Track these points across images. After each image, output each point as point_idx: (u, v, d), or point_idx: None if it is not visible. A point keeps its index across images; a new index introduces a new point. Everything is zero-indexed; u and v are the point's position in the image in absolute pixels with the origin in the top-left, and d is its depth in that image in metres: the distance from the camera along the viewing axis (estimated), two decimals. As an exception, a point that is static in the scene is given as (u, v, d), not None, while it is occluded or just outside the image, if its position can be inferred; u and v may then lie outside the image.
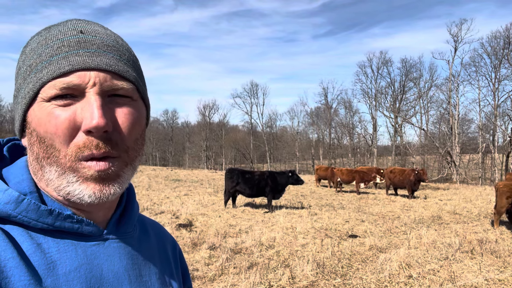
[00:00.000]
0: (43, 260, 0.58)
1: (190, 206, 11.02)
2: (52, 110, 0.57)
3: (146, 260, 0.72)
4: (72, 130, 0.57)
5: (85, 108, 0.57)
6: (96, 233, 0.65)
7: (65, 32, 0.61)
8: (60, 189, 0.60)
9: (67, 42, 0.60)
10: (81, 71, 0.58)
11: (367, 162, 47.69)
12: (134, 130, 0.63)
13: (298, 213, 10.07)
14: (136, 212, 0.76)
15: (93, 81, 0.58)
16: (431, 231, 8.10)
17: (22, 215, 0.58)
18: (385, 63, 48.41)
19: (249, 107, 61.85)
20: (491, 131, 37.52)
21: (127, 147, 0.62)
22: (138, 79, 0.66)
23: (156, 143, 67.60)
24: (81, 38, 0.60)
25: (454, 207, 12.30)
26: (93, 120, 0.56)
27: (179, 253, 0.88)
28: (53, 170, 0.59)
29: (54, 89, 0.57)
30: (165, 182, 19.82)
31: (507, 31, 34.85)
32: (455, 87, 37.82)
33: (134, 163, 0.65)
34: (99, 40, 0.62)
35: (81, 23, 0.63)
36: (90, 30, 0.62)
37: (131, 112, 0.63)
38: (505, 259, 6.05)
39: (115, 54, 0.62)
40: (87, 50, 0.59)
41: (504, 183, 8.86)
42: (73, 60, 0.58)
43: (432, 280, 5.07)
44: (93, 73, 0.58)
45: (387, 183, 16.65)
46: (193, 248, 6.42)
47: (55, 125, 0.57)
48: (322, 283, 4.94)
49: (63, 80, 0.57)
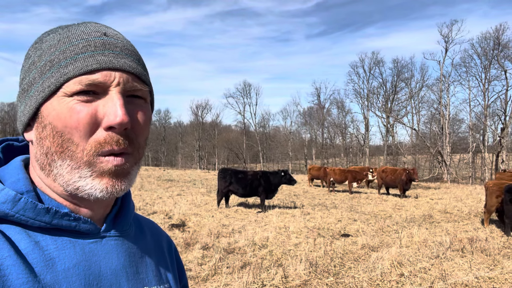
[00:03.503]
0: (41, 257, 0.58)
1: (183, 206, 10.99)
2: (73, 105, 0.59)
3: (142, 257, 0.73)
4: (93, 125, 0.59)
5: (107, 105, 0.60)
6: (94, 231, 0.66)
7: (89, 33, 0.63)
8: (69, 183, 0.61)
9: (93, 42, 0.62)
10: (106, 71, 0.61)
11: (360, 161, 47.97)
12: (146, 130, 0.66)
13: (291, 213, 10.10)
14: (132, 211, 0.77)
15: (117, 81, 0.61)
16: (423, 230, 8.18)
17: (19, 214, 0.58)
18: (377, 63, 48.76)
19: (242, 107, 61.65)
20: (481, 131, 37.98)
21: (139, 145, 0.65)
22: (151, 84, 0.70)
23: (149, 143, 66.62)
24: (105, 40, 0.63)
25: (445, 206, 12.43)
26: (117, 117, 0.58)
27: (174, 251, 0.89)
28: (66, 164, 0.60)
29: (79, 85, 0.59)
30: (157, 182, 19.72)
31: (497, 32, 35.32)
32: (445, 87, 38.18)
33: (140, 162, 0.67)
34: (121, 44, 0.65)
35: (101, 26, 0.66)
36: (112, 34, 0.66)
37: (145, 113, 0.66)
38: (495, 257, 6.13)
39: (135, 58, 0.66)
40: (112, 51, 0.63)
41: (494, 182, 8.98)
42: (100, 59, 0.61)
43: (423, 278, 5.12)
44: (118, 73, 0.61)
45: (379, 183, 16.77)
46: (186, 248, 6.41)
47: (76, 120, 0.58)
48: (315, 282, 4.96)
49: (89, 77, 0.59)
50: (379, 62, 48.64)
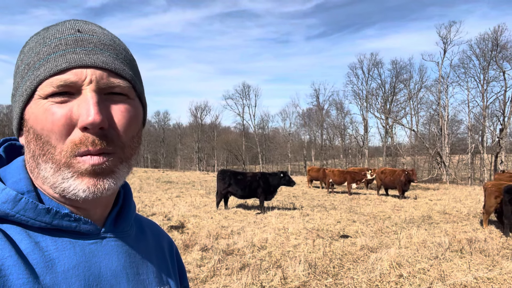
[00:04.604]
0: (41, 258, 0.58)
1: (182, 207, 10.98)
2: (49, 107, 0.58)
3: (143, 258, 0.73)
4: (68, 126, 0.58)
5: (81, 105, 0.58)
6: (94, 232, 0.66)
7: (63, 31, 0.62)
8: (55, 186, 0.60)
9: (65, 40, 0.60)
10: (77, 69, 0.59)
11: (359, 163, 47.97)
12: (130, 127, 0.64)
13: (290, 214, 10.10)
14: (133, 211, 0.76)
15: (89, 79, 0.59)
16: (421, 231, 8.19)
17: (20, 214, 0.58)
18: (376, 64, 48.80)
19: (241, 108, 61.66)
20: (480, 131, 38.01)
21: (123, 144, 0.63)
22: (135, 78, 0.67)
23: (148, 144, 67.13)
24: (78, 36, 0.61)
25: (444, 207, 12.44)
26: (89, 117, 0.57)
27: (175, 252, 0.89)
28: (48, 167, 0.60)
29: (51, 87, 0.58)
30: (156, 184, 19.70)
31: (495, 33, 35.36)
32: (444, 88, 38.26)
33: (130, 160, 0.65)
34: (96, 39, 0.63)
35: (78, 23, 0.64)
36: (87, 29, 0.63)
37: (128, 109, 0.64)
38: (494, 258, 6.13)
39: (112, 52, 0.63)
40: (84, 48, 0.60)
41: (493, 183, 8.99)
42: (70, 57, 0.59)
43: (422, 279, 5.13)
44: (90, 71, 0.59)
45: (378, 184, 16.78)
46: (185, 249, 6.41)
47: (51, 122, 0.58)
48: (313, 283, 4.97)
49: (60, 78, 0.58)
50: (378, 64, 48.73)
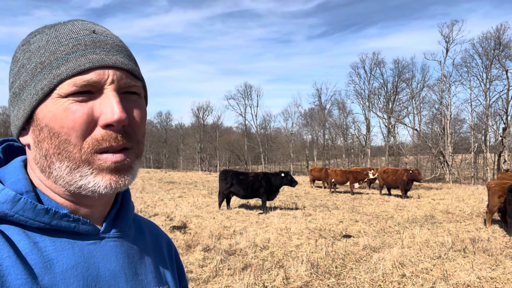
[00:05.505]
0: (40, 259, 0.58)
1: (184, 208, 11.00)
2: (69, 105, 0.59)
3: (142, 258, 0.73)
4: (89, 124, 0.60)
5: (104, 103, 0.60)
6: (93, 232, 0.66)
7: (78, 31, 0.63)
8: (71, 184, 0.61)
9: (83, 41, 0.62)
10: (99, 69, 0.60)
11: (361, 162, 47.85)
12: (143, 124, 0.67)
13: (292, 214, 10.09)
14: (131, 211, 0.76)
15: (111, 79, 0.61)
16: (424, 230, 8.17)
17: (18, 214, 0.59)
18: (378, 64, 48.63)
19: (243, 108, 61.56)
20: (483, 131, 37.88)
21: (138, 141, 0.66)
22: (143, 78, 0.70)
23: (150, 145, 67.24)
24: (95, 38, 0.63)
25: (447, 206, 12.40)
26: (115, 115, 0.59)
27: (174, 252, 0.89)
28: (64, 166, 0.60)
29: (73, 86, 0.59)
30: (159, 185, 19.74)
31: (498, 32, 35.23)
32: (447, 87, 38.11)
33: (141, 157, 0.68)
34: (110, 40, 0.65)
35: (88, 24, 0.65)
36: (101, 31, 0.65)
37: (142, 108, 0.67)
38: (497, 257, 6.11)
39: (125, 54, 0.66)
40: (103, 49, 0.62)
41: (496, 182, 8.96)
42: (92, 58, 0.60)
43: (425, 279, 5.11)
44: (111, 71, 0.61)
45: (381, 183, 16.74)
46: (187, 250, 6.42)
47: (73, 120, 0.59)
48: (316, 283, 4.96)
49: (83, 77, 0.59)
50: (380, 63, 48.57)
